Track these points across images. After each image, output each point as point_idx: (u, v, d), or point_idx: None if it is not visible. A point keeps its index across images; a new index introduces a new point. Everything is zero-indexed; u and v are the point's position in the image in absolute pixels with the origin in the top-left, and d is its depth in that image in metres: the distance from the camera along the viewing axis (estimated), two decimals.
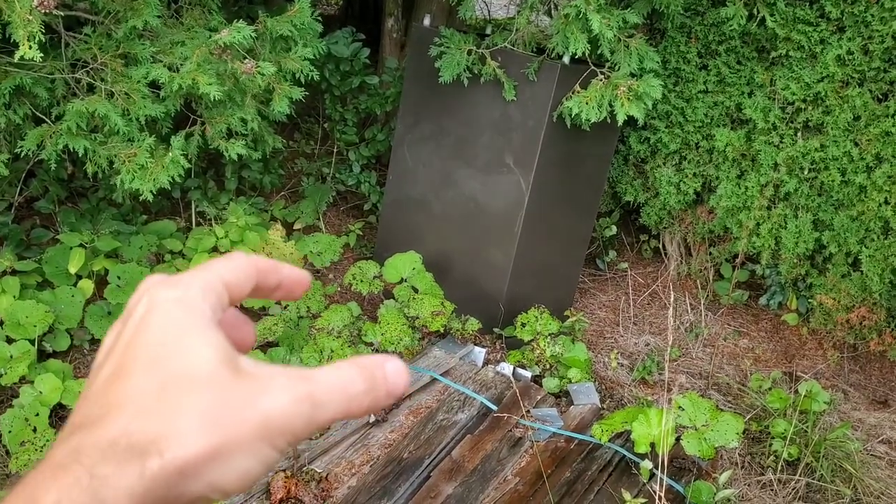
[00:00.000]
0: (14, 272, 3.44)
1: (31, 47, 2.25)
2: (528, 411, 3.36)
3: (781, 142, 3.89)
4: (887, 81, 3.56)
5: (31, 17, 2.23)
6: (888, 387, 4.10)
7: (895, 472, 3.48)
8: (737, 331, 4.45)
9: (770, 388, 3.76)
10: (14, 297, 3.29)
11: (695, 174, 4.25)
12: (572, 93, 3.48)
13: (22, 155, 3.01)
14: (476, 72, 3.63)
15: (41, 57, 2.33)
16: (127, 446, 0.35)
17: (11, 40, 2.43)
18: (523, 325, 3.74)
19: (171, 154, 3.02)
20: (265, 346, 3.40)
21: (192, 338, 0.39)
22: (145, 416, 0.36)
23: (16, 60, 2.35)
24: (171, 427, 0.36)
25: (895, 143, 3.52)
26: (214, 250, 3.80)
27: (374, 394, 0.41)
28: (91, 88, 3.00)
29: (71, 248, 3.53)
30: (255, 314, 3.83)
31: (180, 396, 0.37)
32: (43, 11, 2.26)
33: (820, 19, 3.64)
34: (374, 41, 4.95)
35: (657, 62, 3.53)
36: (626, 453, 3.20)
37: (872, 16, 3.48)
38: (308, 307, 3.71)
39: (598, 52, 3.40)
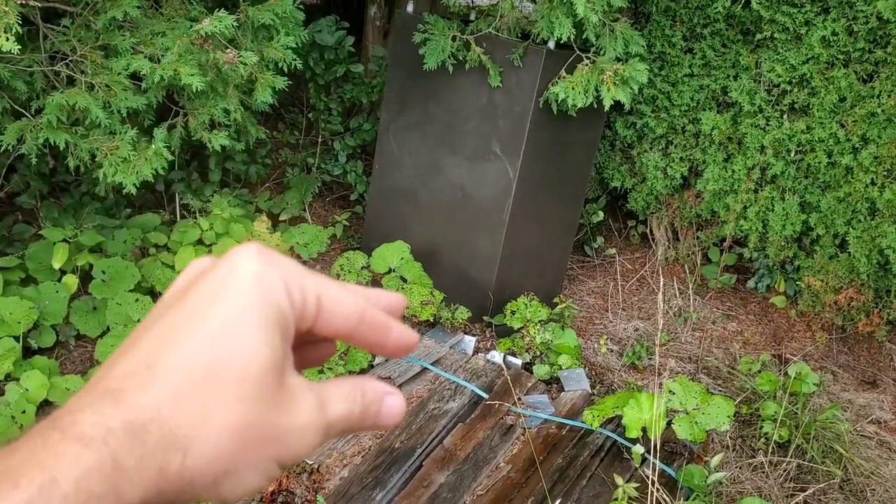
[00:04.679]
0: None
1: (7, 39, 2.20)
2: (519, 398, 3.36)
3: (767, 124, 3.89)
4: (872, 62, 3.56)
5: (7, 9, 2.19)
6: (876, 367, 4.12)
7: (885, 451, 3.50)
8: (725, 314, 4.46)
9: (759, 371, 3.77)
10: None
11: (681, 158, 4.25)
12: (558, 78, 3.46)
13: (2, 150, 2.96)
14: (461, 58, 3.61)
15: (19, 49, 2.29)
16: (156, 437, 0.35)
17: None
18: (513, 312, 3.73)
19: (153, 146, 2.98)
20: None
21: (254, 326, 0.38)
22: (183, 401, 0.35)
23: None
24: (202, 429, 0.36)
25: (881, 124, 3.53)
26: (199, 243, 3.76)
27: (362, 424, 0.43)
28: (71, 81, 2.96)
29: (54, 244, 3.48)
30: None
31: (222, 394, 0.36)
32: (19, 2, 2.22)
33: (804, 0, 3.64)
34: (356, 29, 4.91)
35: (642, 46, 3.51)
36: (617, 438, 3.20)
37: None
38: None
39: (584, 36, 3.39)
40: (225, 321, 0.37)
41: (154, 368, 0.36)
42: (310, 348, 0.45)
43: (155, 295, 3.56)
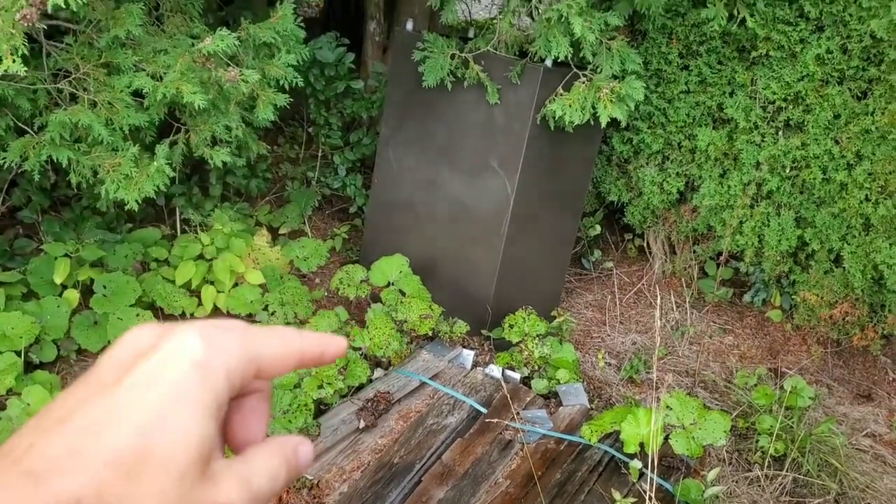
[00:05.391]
0: None
1: (14, 61, 2.23)
2: (517, 413, 3.38)
3: (763, 141, 3.93)
4: (866, 80, 3.61)
5: (13, 31, 2.22)
6: (871, 381, 4.15)
7: (880, 465, 3.52)
8: (722, 328, 4.49)
9: (755, 385, 3.80)
10: None
11: (678, 174, 4.28)
12: (555, 95, 3.49)
13: (5, 166, 2.99)
14: (459, 75, 3.64)
15: (25, 70, 2.32)
16: None
17: None
18: (511, 326, 3.75)
19: (155, 163, 3.01)
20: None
21: (189, 419, 0.38)
22: (105, 491, 0.35)
23: (0, 74, 2.34)
24: None
25: (875, 141, 3.57)
26: (200, 258, 3.79)
27: (288, 478, 0.44)
28: (74, 98, 2.99)
29: (55, 258, 3.50)
30: (242, 320, 3.83)
31: (145, 485, 0.36)
32: (26, 24, 2.25)
33: (799, 19, 3.68)
34: (355, 44, 4.95)
35: (639, 64, 3.55)
36: (615, 453, 3.23)
37: (850, 15, 3.52)
38: (295, 313, 3.71)
39: (581, 54, 3.42)
40: (159, 411, 0.37)
41: (81, 454, 0.35)
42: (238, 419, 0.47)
43: (155, 310, 3.59)
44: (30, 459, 0.35)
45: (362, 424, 3.17)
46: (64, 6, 2.34)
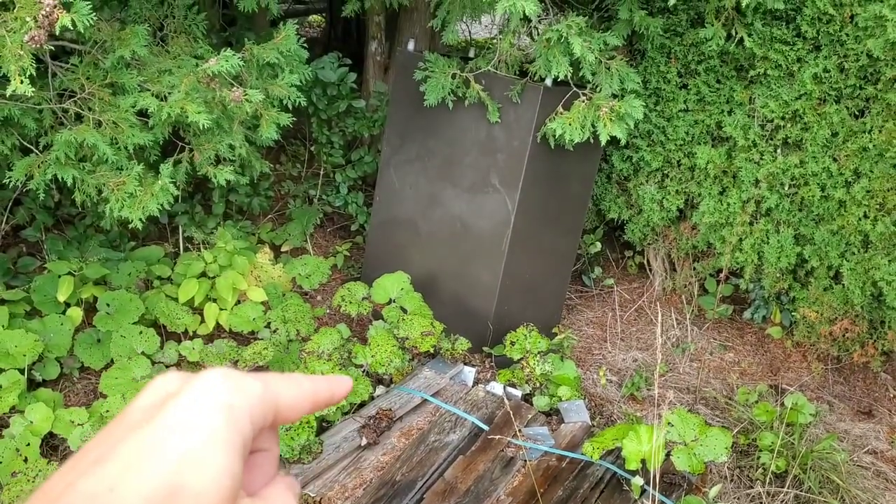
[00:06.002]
0: (2, 301, 3.44)
1: (22, 82, 2.26)
2: (519, 430, 3.39)
3: (762, 158, 3.96)
4: (863, 98, 3.64)
5: (21, 52, 2.25)
6: (872, 397, 4.16)
7: (881, 482, 3.53)
8: (722, 345, 4.50)
9: (756, 402, 3.80)
10: (2, 326, 3.28)
11: (677, 191, 4.31)
12: (555, 114, 3.53)
13: (10, 185, 3.02)
14: (460, 95, 3.68)
15: (32, 91, 2.35)
16: None
17: (1, 74, 2.44)
18: (512, 343, 3.77)
19: (159, 182, 3.04)
20: (255, 371, 3.40)
21: (219, 457, 0.40)
22: None
23: (7, 95, 2.37)
24: None
25: (872, 159, 3.60)
26: (203, 275, 3.81)
27: None
28: (79, 118, 3.02)
29: (59, 276, 3.53)
30: (245, 338, 3.85)
31: None
32: (33, 46, 2.28)
33: (796, 39, 3.72)
34: (357, 64, 5.00)
35: (638, 83, 3.59)
36: (617, 470, 3.23)
37: (847, 35, 3.56)
38: (298, 330, 3.73)
39: (580, 73, 3.46)
40: (192, 449, 0.39)
41: (119, 491, 0.37)
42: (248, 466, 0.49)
43: (158, 327, 3.60)
44: (71, 497, 0.37)
45: (364, 442, 3.17)
46: (71, 27, 2.38)
